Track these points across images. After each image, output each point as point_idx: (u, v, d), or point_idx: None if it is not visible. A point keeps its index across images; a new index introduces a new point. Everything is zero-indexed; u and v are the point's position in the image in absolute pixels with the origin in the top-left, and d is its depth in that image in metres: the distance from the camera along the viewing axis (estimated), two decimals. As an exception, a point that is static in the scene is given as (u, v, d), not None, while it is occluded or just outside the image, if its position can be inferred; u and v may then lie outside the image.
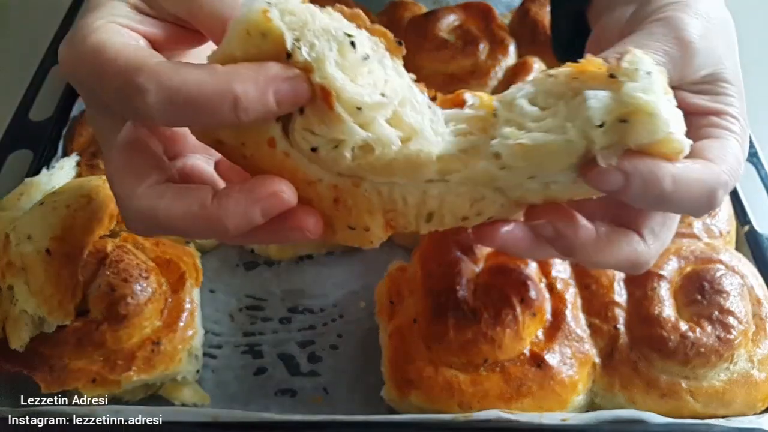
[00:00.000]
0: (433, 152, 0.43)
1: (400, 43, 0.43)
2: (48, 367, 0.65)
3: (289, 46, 0.39)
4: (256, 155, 0.43)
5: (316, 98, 0.40)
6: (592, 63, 0.43)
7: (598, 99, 0.41)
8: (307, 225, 0.44)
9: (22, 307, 0.64)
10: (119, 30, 0.43)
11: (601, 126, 0.41)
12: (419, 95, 0.44)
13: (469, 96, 0.47)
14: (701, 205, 0.47)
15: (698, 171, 0.45)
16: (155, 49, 0.45)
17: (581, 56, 0.63)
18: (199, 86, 0.38)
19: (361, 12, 0.42)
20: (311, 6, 0.40)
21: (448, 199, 0.46)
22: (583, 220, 0.49)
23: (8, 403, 0.66)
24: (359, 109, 0.40)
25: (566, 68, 0.44)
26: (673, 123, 0.42)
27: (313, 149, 0.42)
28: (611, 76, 0.41)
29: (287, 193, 0.42)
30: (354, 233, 0.47)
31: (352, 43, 0.40)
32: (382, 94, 0.41)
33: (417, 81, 0.46)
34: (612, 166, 0.42)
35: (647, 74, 0.41)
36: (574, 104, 0.42)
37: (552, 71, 0.44)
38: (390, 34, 0.43)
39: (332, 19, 0.41)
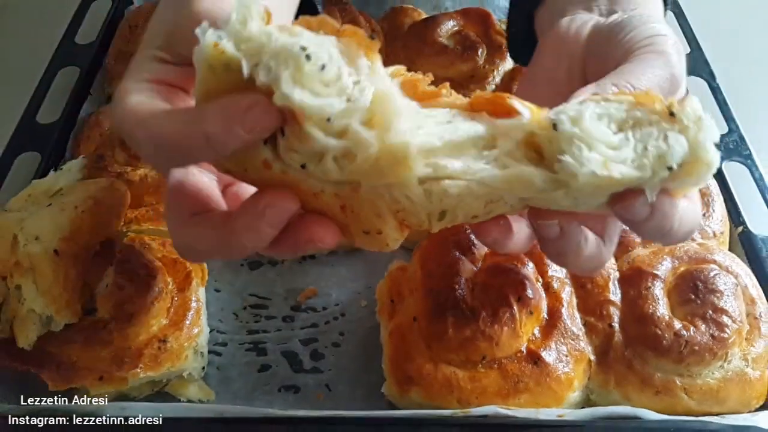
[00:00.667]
0: (410, 144, 0.41)
1: (372, 38, 0.41)
2: (55, 366, 0.67)
3: (246, 73, 0.39)
4: (261, 177, 0.44)
5: (288, 119, 0.40)
6: (650, 96, 0.44)
7: (680, 144, 0.42)
8: (319, 236, 0.45)
9: (29, 306, 0.65)
10: (140, 87, 0.47)
11: (670, 168, 0.42)
12: (393, 89, 0.41)
13: (519, 106, 0.44)
14: (682, 239, 0.50)
15: (691, 211, 0.48)
16: (183, 91, 0.50)
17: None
18: (176, 132, 0.41)
19: (326, 18, 0.41)
20: (269, 28, 0.40)
21: (467, 200, 0.44)
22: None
23: (14, 401, 0.67)
24: (329, 120, 0.39)
25: (625, 95, 0.44)
26: None
27: (303, 166, 0.42)
28: (671, 114, 0.42)
29: (283, 199, 0.43)
30: (369, 237, 0.47)
31: (308, 56, 0.39)
32: (348, 99, 0.40)
33: (409, 70, 0.45)
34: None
35: (710, 126, 0.42)
36: (642, 137, 0.43)
37: (609, 96, 0.44)
38: (360, 32, 0.41)
39: (291, 36, 0.40)
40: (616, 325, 0.68)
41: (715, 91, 0.94)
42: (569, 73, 0.60)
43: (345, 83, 0.40)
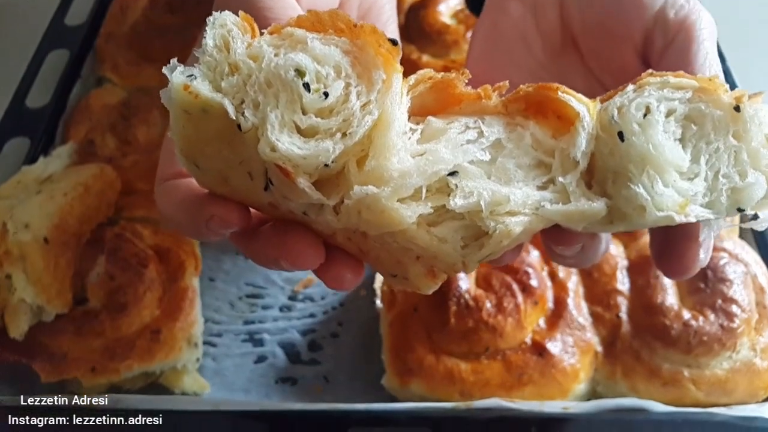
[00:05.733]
0: (381, 197, 0.34)
1: (395, 44, 0.34)
2: (47, 356, 0.65)
3: (232, 116, 0.33)
4: (275, 215, 0.40)
5: (274, 170, 0.34)
6: (714, 83, 0.37)
7: (760, 185, 0.36)
8: (343, 276, 0.41)
9: (20, 296, 0.64)
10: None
11: (740, 210, 0.37)
12: (397, 117, 0.35)
13: (575, 103, 0.37)
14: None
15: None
16: None
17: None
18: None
19: (338, 13, 0.35)
20: (260, 44, 0.34)
21: (516, 231, 0.37)
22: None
23: (9, 392, 0.65)
24: (327, 165, 0.34)
25: (687, 79, 0.38)
26: None
27: (304, 213, 0.36)
28: (736, 109, 0.37)
29: (297, 254, 0.39)
30: (398, 281, 0.41)
31: (306, 84, 0.33)
32: (344, 134, 0.34)
33: (410, 53, 0.39)
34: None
35: None
36: (711, 160, 0.37)
37: (670, 79, 0.38)
38: (380, 34, 0.34)
39: (290, 48, 0.34)
40: (624, 315, 0.67)
41: (726, 73, 0.92)
42: (539, 21, 0.53)
43: (352, 108, 0.34)
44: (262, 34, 0.35)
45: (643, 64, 0.49)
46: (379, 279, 0.74)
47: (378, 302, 0.72)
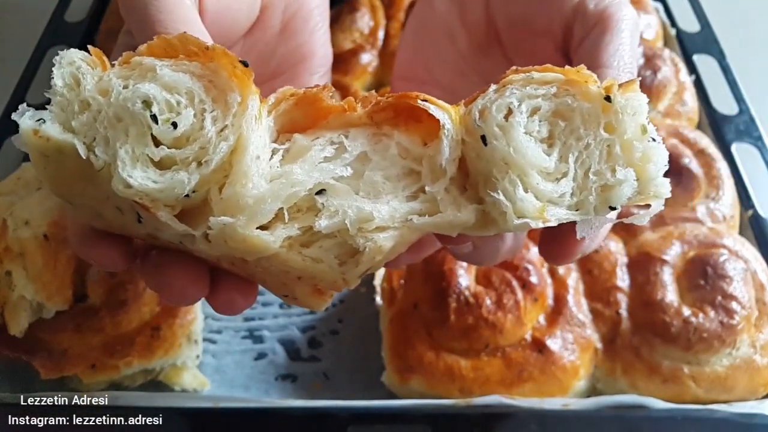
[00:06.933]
0: (236, 226, 0.33)
1: (246, 65, 0.34)
2: (47, 353, 0.65)
3: (83, 155, 0.32)
4: (156, 245, 0.39)
5: (137, 205, 0.33)
6: (582, 74, 0.36)
7: (629, 184, 0.35)
8: (233, 301, 0.41)
9: (20, 292, 0.64)
10: None
11: (613, 208, 0.36)
12: (252, 140, 0.34)
13: (435, 111, 0.36)
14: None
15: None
16: None
17: None
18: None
19: (188, 37, 0.34)
20: (109, 77, 0.33)
21: (387, 246, 0.36)
22: None
23: (9, 389, 0.65)
24: (187, 196, 0.33)
25: (552, 71, 0.36)
26: None
27: (180, 242, 0.36)
28: (607, 99, 0.35)
29: (178, 291, 0.39)
30: (291, 300, 0.41)
31: (154, 116, 0.32)
32: (199, 163, 0.33)
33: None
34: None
35: (657, 147, 0.35)
36: (581, 159, 0.36)
37: (534, 75, 0.36)
38: (231, 56, 0.34)
39: (139, 78, 0.33)
40: (624, 312, 0.67)
41: (725, 70, 0.92)
42: (464, 15, 0.53)
43: (207, 134, 0.33)
44: (113, 66, 0.34)
45: (564, 58, 0.48)
46: (379, 276, 0.74)
47: (378, 299, 0.72)
